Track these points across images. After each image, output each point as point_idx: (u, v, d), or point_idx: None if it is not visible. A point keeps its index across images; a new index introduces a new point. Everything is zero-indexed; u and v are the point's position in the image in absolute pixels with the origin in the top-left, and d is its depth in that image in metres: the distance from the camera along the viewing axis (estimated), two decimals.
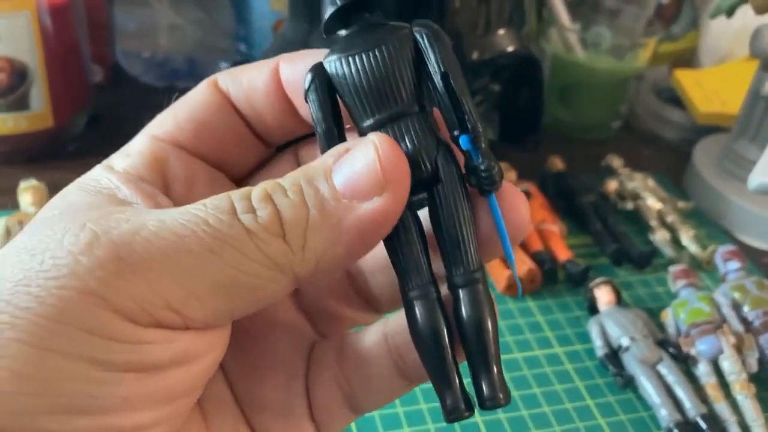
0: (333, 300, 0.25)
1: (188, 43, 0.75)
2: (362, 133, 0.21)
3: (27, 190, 0.51)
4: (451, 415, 0.21)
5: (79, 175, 0.23)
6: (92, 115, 0.67)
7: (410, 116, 0.21)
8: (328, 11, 0.21)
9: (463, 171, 0.21)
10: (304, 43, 0.53)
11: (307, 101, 0.22)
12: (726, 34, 0.83)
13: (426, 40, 0.21)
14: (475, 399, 0.21)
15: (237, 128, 0.24)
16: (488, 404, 0.20)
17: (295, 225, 0.19)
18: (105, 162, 0.23)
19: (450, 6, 0.48)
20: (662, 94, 0.81)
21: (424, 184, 0.21)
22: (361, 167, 0.19)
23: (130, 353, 0.18)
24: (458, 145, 0.21)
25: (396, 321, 0.23)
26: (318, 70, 0.21)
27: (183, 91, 0.25)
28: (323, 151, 0.21)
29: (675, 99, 0.79)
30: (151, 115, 0.25)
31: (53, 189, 0.53)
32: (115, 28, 0.75)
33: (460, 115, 0.21)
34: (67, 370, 0.17)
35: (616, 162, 0.68)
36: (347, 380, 0.24)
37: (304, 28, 0.53)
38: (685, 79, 0.78)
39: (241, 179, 0.26)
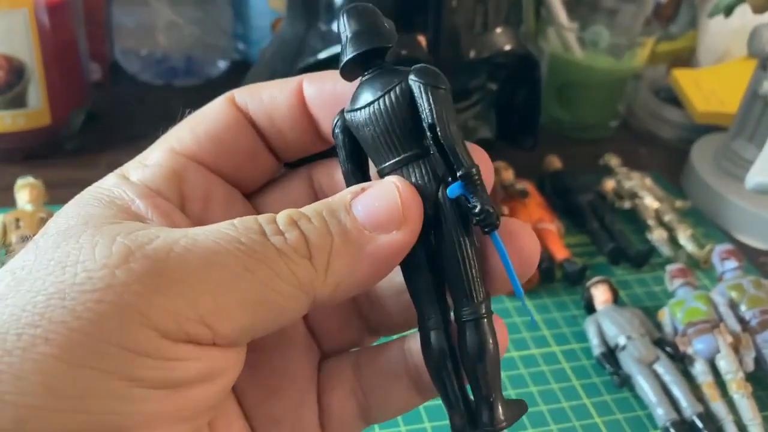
0: (336, 320, 0.26)
1: (186, 41, 0.75)
2: (379, 174, 0.23)
3: (24, 188, 0.51)
4: None
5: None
6: (90, 113, 0.67)
7: (415, 161, 0.22)
8: (342, 59, 0.22)
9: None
10: (302, 42, 0.53)
11: (334, 140, 0.24)
12: (724, 33, 0.83)
13: (418, 91, 0.22)
14: None
15: (253, 144, 0.25)
16: (486, 429, 0.22)
17: (320, 248, 0.20)
18: (120, 171, 0.23)
19: (447, 4, 0.48)
20: (660, 93, 0.81)
21: (428, 223, 0.22)
22: (383, 204, 0.21)
23: (161, 370, 0.18)
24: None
25: (417, 339, 0.24)
26: (342, 116, 0.23)
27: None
28: (347, 186, 0.23)
29: (673, 98, 0.79)
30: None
31: (51, 187, 0.53)
32: (114, 25, 0.75)
33: (449, 164, 0.22)
34: (100, 387, 0.17)
35: (613, 161, 0.68)
36: (364, 393, 0.25)
37: (302, 27, 0.53)
38: (683, 78, 0.78)
39: (252, 194, 0.26)
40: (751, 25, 0.67)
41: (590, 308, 0.52)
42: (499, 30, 0.51)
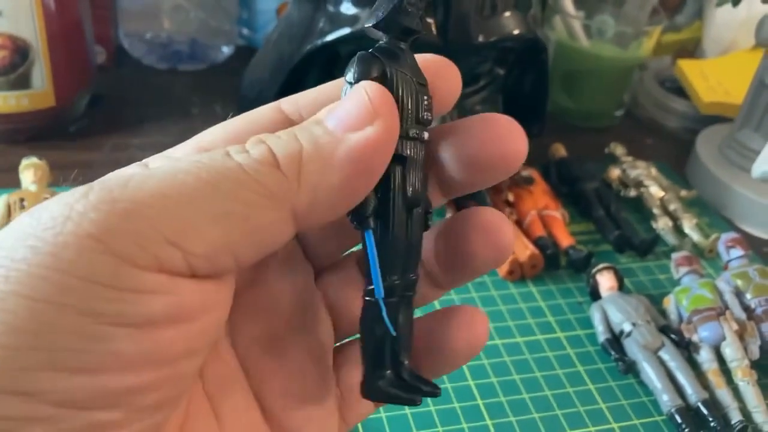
0: (355, 290, 0.25)
1: (191, 25, 0.74)
2: None
3: (28, 168, 0.51)
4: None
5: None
6: (94, 95, 0.67)
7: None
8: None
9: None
10: (310, 24, 0.52)
11: None
12: (730, 24, 0.82)
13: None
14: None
15: None
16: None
17: (289, 157, 0.19)
18: (143, 161, 0.23)
19: None
20: (665, 83, 0.81)
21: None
22: (351, 105, 0.20)
23: (123, 302, 0.17)
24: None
25: None
26: None
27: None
28: None
29: (678, 89, 0.79)
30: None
31: (54, 169, 0.53)
32: (119, 8, 0.74)
33: None
34: (59, 322, 0.16)
35: (619, 150, 0.68)
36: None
37: (310, 8, 0.53)
38: (689, 68, 0.78)
39: None
40: (758, 16, 0.67)
41: (595, 295, 0.52)
42: (507, 14, 0.51)
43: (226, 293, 0.20)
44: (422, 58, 0.22)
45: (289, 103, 0.23)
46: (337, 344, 0.26)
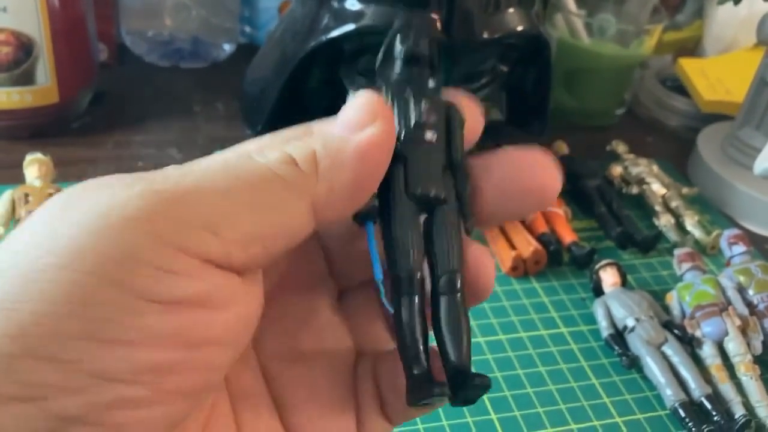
0: (375, 317, 0.26)
1: (193, 23, 0.74)
2: None
3: (33, 163, 0.51)
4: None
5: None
6: (97, 93, 0.67)
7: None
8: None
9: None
10: (313, 20, 0.53)
11: None
12: (731, 23, 0.83)
13: None
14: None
15: None
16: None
17: (305, 157, 0.21)
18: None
19: None
20: (666, 82, 0.82)
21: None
22: (353, 110, 0.22)
23: (158, 280, 0.18)
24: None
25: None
26: None
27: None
28: None
29: (679, 87, 0.79)
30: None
31: (57, 165, 0.53)
32: (121, 6, 0.74)
33: None
34: (95, 293, 0.17)
35: (620, 148, 0.69)
36: (383, 390, 0.25)
37: (314, 4, 0.53)
38: (690, 67, 0.78)
39: None
40: (759, 14, 0.67)
41: (598, 291, 0.52)
42: (511, 10, 0.51)
43: (253, 292, 0.21)
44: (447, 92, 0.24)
45: None
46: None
